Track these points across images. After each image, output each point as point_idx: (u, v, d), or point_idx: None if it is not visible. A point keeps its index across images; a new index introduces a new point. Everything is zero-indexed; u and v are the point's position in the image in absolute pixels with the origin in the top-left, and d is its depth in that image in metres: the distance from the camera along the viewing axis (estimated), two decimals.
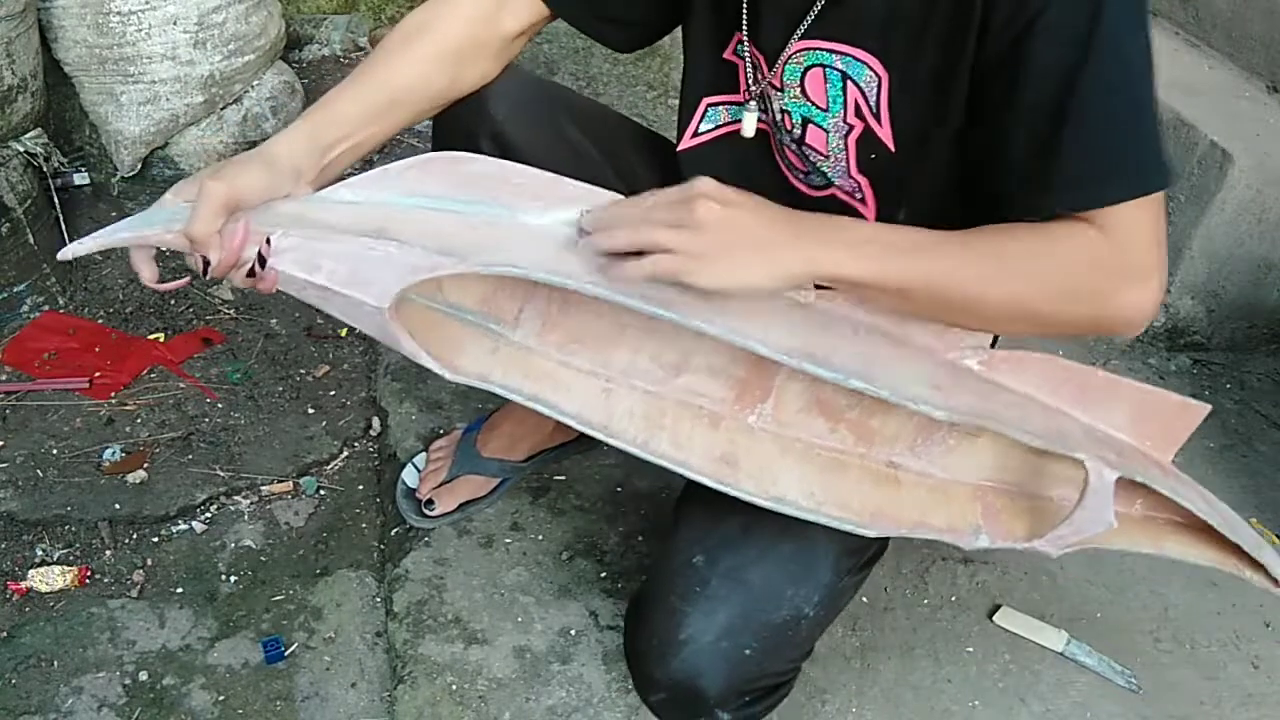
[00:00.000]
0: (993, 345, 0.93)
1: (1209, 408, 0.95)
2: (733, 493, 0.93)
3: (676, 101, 1.11)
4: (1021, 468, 1.00)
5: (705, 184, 0.83)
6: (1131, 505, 0.99)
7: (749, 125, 1.02)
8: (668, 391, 1.00)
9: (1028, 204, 0.86)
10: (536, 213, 0.92)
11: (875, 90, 0.92)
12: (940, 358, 0.91)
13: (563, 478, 1.43)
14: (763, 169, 1.05)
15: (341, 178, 0.96)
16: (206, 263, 0.88)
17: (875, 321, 0.91)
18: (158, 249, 0.91)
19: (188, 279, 0.92)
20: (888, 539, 1.12)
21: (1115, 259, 0.83)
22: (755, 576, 0.99)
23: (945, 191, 0.95)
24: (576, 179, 0.93)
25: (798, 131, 0.99)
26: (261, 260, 0.88)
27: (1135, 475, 0.90)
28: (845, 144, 0.96)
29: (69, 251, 0.89)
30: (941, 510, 0.98)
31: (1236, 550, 0.97)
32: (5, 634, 1.20)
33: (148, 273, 0.91)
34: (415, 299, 0.96)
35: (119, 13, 1.73)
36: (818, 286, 0.90)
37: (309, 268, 0.88)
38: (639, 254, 0.83)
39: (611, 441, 0.95)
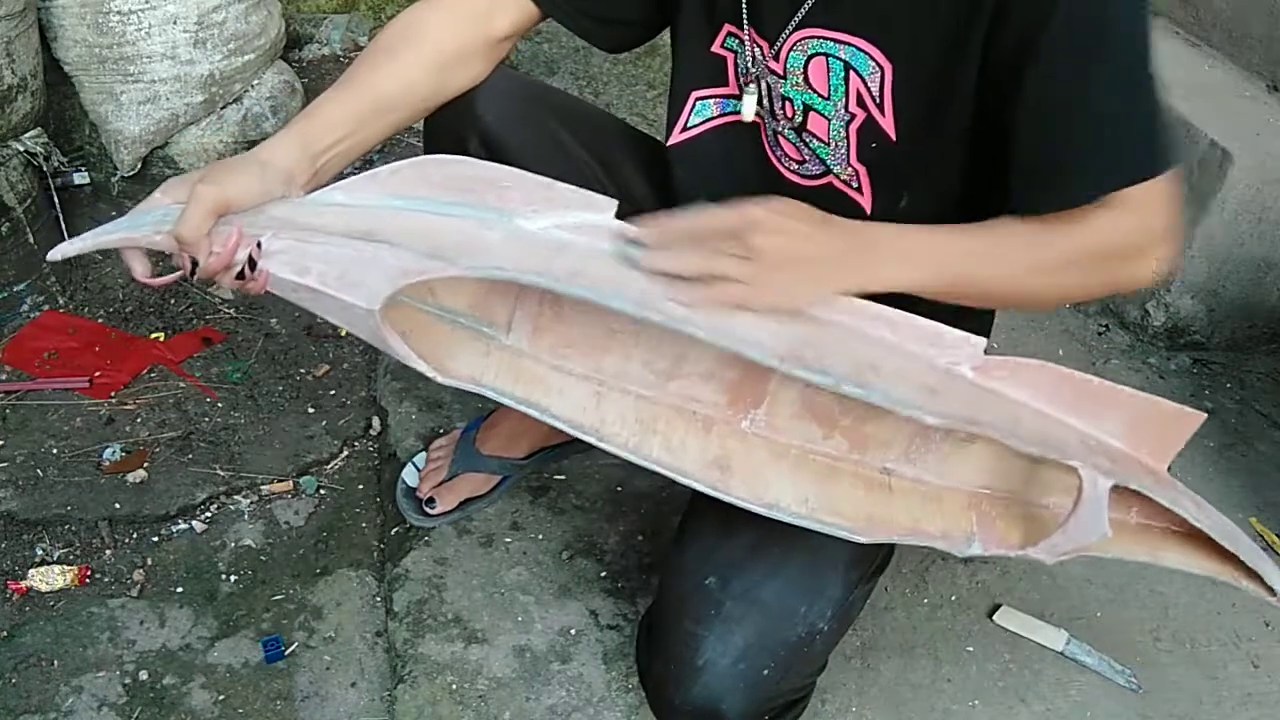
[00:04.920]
0: (986, 351, 0.94)
1: (1204, 416, 0.95)
2: (725, 499, 0.92)
3: None
4: (1016, 475, 1.00)
5: (759, 212, 0.85)
6: (1128, 512, 0.99)
7: (748, 108, 1.02)
8: (661, 396, 0.99)
9: (1043, 198, 0.88)
10: (528, 217, 0.92)
11: (878, 81, 0.92)
12: (934, 364, 0.90)
13: (563, 477, 1.43)
14: (754, 160, 1.05)
15: (335, 179, 0.96)
16: (194, 264, 0.88)
17: (867, 327, 0.90)
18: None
19: (181, 273, 0.92)
20: (893, 547, 1.13)
21: (1138, 233, 0.88)
22: (769, 596, 0.99)
23: (945, 182, 0.96)
24: (566, 179, 0.92)
25: (799, 118, 0.99)
26: (252, 263, 0.88)
27: (1130, 483, 0.90)
28: (846, 132, 0.96)
29: (58, 253, 0.90)
30: (935, 517, 0.97)
31: (1233, 559, 0.97)
32: (5, 634, 1.20)
33: (140, 268, 0.92)
34: (407, 301, 0.96)
35: (119, 12, 1.73)
36: None
37: (299, 270, 0.88)
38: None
39: (603, 446, 0.95)
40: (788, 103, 0.99)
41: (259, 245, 0.88)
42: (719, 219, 0.86)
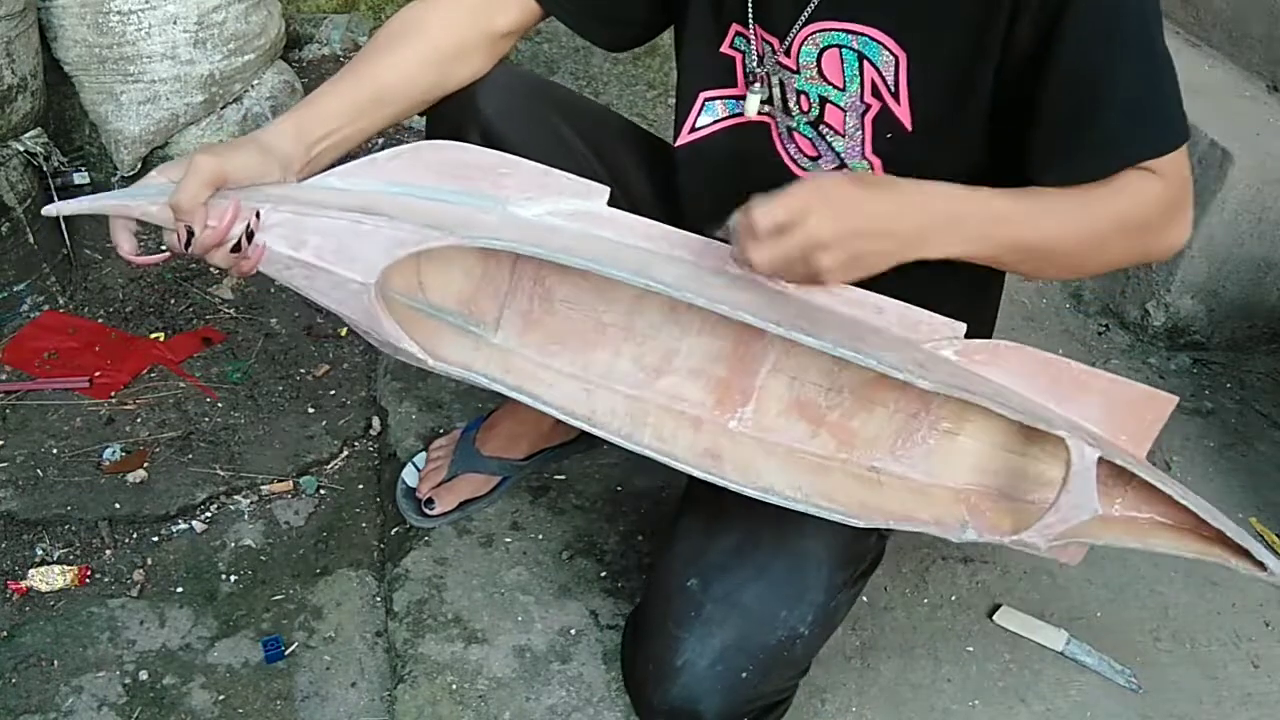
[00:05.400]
0: (966, 335, 0.95)
1: (1175, 399, 0.97)
2: (720, 483, 0.93)
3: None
4: (1001, 471, 1.01)
5: (818, 229, 0.83)
6: (1111, 505, 1.00)
7: (751, 105, 1.03)
8: (649, 395, 1.00)
9: (1073, 173, 0.90)
10: (522, 204, 0.92)
11: (893, 70, 0.92)
12: (919, 346, 0.93)
13: (563, 477, 1.43)
14: (764, 158, 1.05)
15: (328, 169, 0.97)
16: (190, 234, 0.88)
17: (853, 313, 0.92)
18: (139, 223, 0.91)
19: (167, 254, 0.92)
20: (881, 551, 1.14)
21: (1169, 198, 0.91)
22: (750, 599, 1.00)
23: (959, 171, 0.96)
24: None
25: (815, 112, 0.99)
26: (249, 235, 0.88)
27: (1114, 458, 0.91)
28: (862, 123, 0.96)
29: (53, 209, 0.90)
30: (926, 508, 0.98)
31: (1220, 539, 0.98)
32: (5, 634, 1.20)
33: (126, 245, 0.92)
34: (397, 297, 0.96)
35: (119, 12, 1.73)
36: None
37: (295, 243, 0.88)
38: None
39: (596, 432, 0.95)
40: (803, 96, 0.99)
41: (257, 216, 0.88)
42: (786, 244, 0.85)
